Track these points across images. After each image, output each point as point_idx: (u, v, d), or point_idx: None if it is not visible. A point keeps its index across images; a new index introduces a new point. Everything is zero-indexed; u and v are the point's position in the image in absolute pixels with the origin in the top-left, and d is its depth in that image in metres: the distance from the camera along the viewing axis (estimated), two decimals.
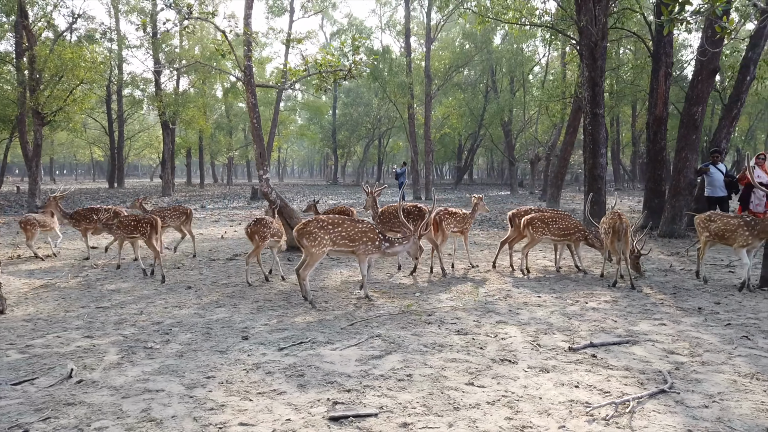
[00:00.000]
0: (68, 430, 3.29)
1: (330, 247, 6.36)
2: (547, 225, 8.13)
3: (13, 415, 3.49)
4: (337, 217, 6.52)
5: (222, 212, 19.59)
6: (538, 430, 3.25)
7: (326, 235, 6.30)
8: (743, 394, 3.74)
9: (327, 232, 6.31)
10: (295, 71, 10.35)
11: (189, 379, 4.06)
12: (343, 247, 6.43)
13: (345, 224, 6.45)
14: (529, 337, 5.09)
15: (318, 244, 6.25)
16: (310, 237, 6.26)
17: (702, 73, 12.44)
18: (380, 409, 3.53)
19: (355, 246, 6.43)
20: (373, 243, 6.49)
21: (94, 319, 5.75)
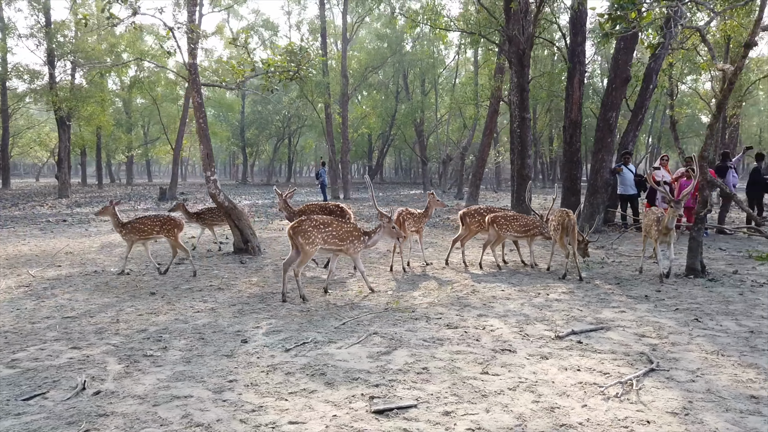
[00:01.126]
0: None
1: (321, 245, 6.61)
2: (509, 223, 8.67)
3: (46, 429, 3.36)
4: (328, 218, 6.77)
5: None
6: (565, 409, 3.61)
7: (319, 234, 6.50)
8: (717, 369, 4.32)
9: (320, 231, 6.50)
10: (239, 71, 10.21)
11: (212, 384, 4.06)
12: (332, 245, 6.72)
13: (334, 224, 6.75)
14: (514, 328, 5.49)
15: (311, 243, 6.49)
16: (305, 235, 6.48)
17: (615, 81, 13.59)
18: (417, 401, 3.74)
19: (344, 245, 6.69)
20: (358, 240, 6.81)
21: (69, 330, 5.49)
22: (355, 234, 6.86)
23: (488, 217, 8.86)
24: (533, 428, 3.35)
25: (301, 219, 6.69)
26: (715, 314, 5.92)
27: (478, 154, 23.12)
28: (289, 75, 10.27)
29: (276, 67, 9.90)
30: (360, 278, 7.55)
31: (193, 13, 9.77)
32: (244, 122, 53.33)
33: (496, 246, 8.93)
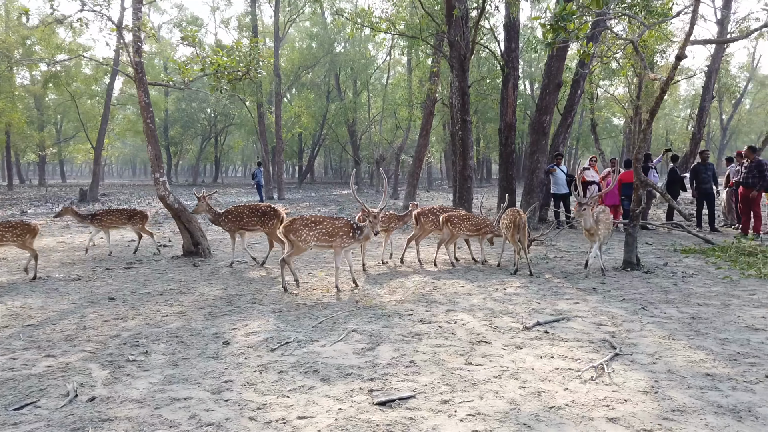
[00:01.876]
0: None
1: (314, 242, 7.06)
2: (462, 222, 9.03)
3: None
4: (319, 216, 7.17)
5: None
6: (550, 393, 3.93)
7: (310, 232, 6.92)
8: (672, 351, 4.80)
9: (311, 230, 6.91)
10: (187, 70, 10.03)
11: (209, 385, 4.10)
12: (323, 242, 7.11)
13: (325, 222, 7.12)
14: (483, 321, 5.81)
15: (303, 240, 6.98)
16: (296, 233, 6.97)
17: (549, 86, 14.36)
18: (414, 392, 3.95)
19: (333, 240, 7.09)
20: (347, 235, 7.15)
21: (36, 338, 5.30)
22: (344, 230, 7.15)
23: (442, 217, 9.21)
24: (527, 411, 3.64)
25: (293, 219, 7.08)
26: (658, 303, 6.49)
27: (415, 154, 23.57)
28: (238, 75, 10.19)
29: (226, 67, 9.80)
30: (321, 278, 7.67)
31: (138, 9, 9.49)
32: (168, 120, 51.58)
33: (449, 244, 9.29)
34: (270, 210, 9.13)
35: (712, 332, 5.32)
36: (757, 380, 4.11)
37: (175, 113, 52.38)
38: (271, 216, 9.06)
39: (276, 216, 9.06)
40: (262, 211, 9.12)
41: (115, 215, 10.40)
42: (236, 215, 9.08)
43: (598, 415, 3.57)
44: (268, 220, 9.05)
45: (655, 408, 3.66)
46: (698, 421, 3.48)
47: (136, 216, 10.39)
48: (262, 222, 9.06)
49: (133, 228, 10.50)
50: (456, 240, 9.39)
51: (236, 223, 9.08)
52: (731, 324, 5.59)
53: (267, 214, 9.07)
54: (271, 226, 9.01)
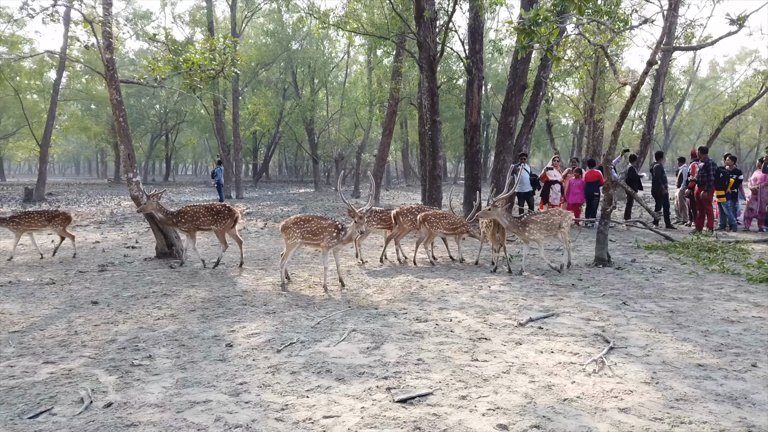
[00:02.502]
0: None
1: (300, 239, 7.30)
2: (439, 221, 9.20)
3: None
4: (309, 216, 7.35)
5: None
6: (560, 386, 4.11)
7: (298, 230, 7.15)
8: (661, 344, 5.08)
9: (299, 228, 7.18)
10: (159, 68, 9.82)
11: (224, 388, 4.10)
12: (309, 240, 7.30)
13: (312, 221, 7.32)
14: (477, 318, 5.97)
15: (291, 237, 7.27)
16: (287, 232, 7.32)
17: (515, 88, 14.74)
18: (430, 388, 4.06)
19: (319, 239, 7.23)
20: (330, 235, 7.23)
21: (26, 344, 5.13)
22: (329, 230, 7.22)
23: (420, 216, 9.36)
24: (542, 404, 3.80)
25: (290, 218, 7.35)
26: (636, 298, 6.82)
27: (378, 153, 23.72)
28: (212, 74, 10.05)
29: (200, 65, 9.64)
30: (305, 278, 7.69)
31: (109, 5, 9.22)
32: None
33: (428, 243, 9.45)
34: (224, 209, 9.10)
35: (692, 325, 5.65)
36: (745, 369, 4.41)
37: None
38: (224, 215, 9.03)
39: (230, 215, 9.05)
40: (216, 210, 9.08)
41: (34, 217, 9.92)
42: (190, 215, 8.97)
43: (609, 406, 3.76)
44: (222, 219, 9.02)
45: (660, 398, 3.89)
46: (702, 408, 3.72)
47: (58, 218, 9.97)
48: (216, 221, 9.02)
49: (55, 230, 10.07)
50: (433, 239, 9.55)
51: (190, 222, 8.98)
52: (708, 317, 5.94)
53: (221, 213, 9.04)
54: (224, 226, 9.01)
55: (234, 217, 9.07)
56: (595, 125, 26.16)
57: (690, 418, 3.57)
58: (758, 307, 6.33)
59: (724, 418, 3.57)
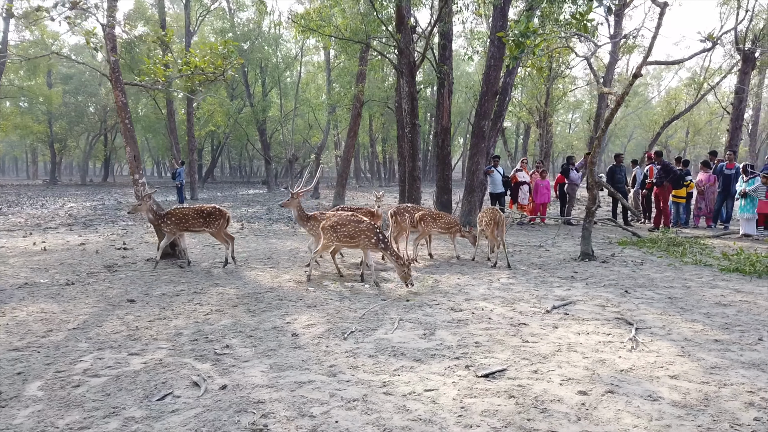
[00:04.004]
0: (306, 416, 3.60)
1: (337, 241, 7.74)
2: (435, 220, 9.75)
3: (225, 418, 3.59)
4: (347, 219, 7.74)
5: None
6: (611, 360, 4.74)
7: (335, 232, 7.55)
8: (676, 324, 5.82)
9: (336, 231, 7.56)
10: (160, 70, 9.91)
11: (318, 370, 4.48)
12: (346, 243, 7.72)
13: (350, 225, 7.71)
14: (506, 307, 6.56)
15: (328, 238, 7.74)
16: (325, 232, 7.77)
17: (487, 94, 15.48)
18: (503, 365, 4.60)
19: (356, 242, 7.61)
20: (369, 239, 7.62)
21: (96, 340, 5.30)
22: (366, 233, 7.71)
23: (417, 215, 9.90)
24: (605, 374, 4.41)
25: (328, 221, 7.83)
26: (634, 287, 7.60)
27: (343, 155, 24.07)
28: (212, 77, 10.23)
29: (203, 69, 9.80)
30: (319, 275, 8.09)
31: (114, 8, 9.26)
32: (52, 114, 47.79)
33: (420, 240, 9.97)
34: (215, 211, 9.34)
35: (693, 308, 6.45)
36: (755, 343, 5.19)
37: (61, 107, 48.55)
38: (216, 216, 9.29)
39: (222, 216, 9.33)
40: (207, 212, 9.30)
41: None
42: (180, 217, 9.16)
43: (660, 374, 4.41)
44: (213, 220, 9.27)
45: (697, 366, 4.58)
46: (735, 373, 4.43)
47: None
48: (208, 223, 9.26)
49: None
50: (424, 237, 10.07)
51: (180, 225, 9.17)
52: (703, 302, 6.77)
53: (212, 215, 9.29)
54: (217, 227, 9.28)
55: (226, 217, 9.33)
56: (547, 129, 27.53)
57: (730, 381, 4.26)
58: (740, 292, 7.23)
59: (757, 380, 4.29)
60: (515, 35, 10.05)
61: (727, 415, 3.68)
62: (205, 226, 9.27)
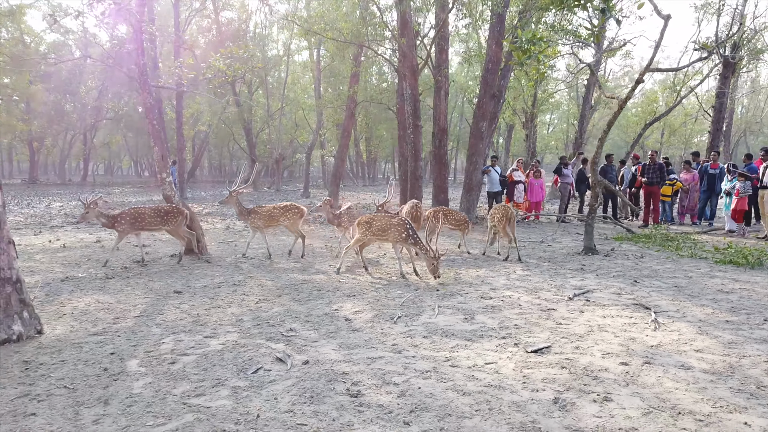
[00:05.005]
0: (390, 384, 4.10)
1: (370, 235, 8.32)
2: (446, 217, 10.31)
3: (320, 385, 4.06)
4: (378, 215, 8.34)
5: None
6: (640, 338, 5.33)
7: (369, 227, 8.20)
8: (687, 309, 6.44)
9: (370, 225, 8.23)
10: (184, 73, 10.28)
11: (383, 348, 4.97)
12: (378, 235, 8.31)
13: (382, 219, 8.36)
14: (530, 295, 7.13)
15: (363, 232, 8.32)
16: (359, 225, 8.34)
17: (485, 96, 16.10)
18: (546, 343, 5.16)
19: (387, 235, 8.22)
20: (400, 234, 8.09)
21: (166, 326, 5.71)
22: (397, 227, 8.24)
23: (429, 211, 10.47)
24: (638, 349, 5.00)
25: (363, 216, 8.49)
26: (641, 277, 8.24)
27: (337, 155, 24.48)
28: (232, 79, 10.61)
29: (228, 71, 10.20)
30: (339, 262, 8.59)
31: (142, 13, 9.60)
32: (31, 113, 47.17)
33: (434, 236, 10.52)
34: (173, 209, 9.59)
35: (700, 295, 7.10)
36: (761, 323, 5.83)
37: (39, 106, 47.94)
38: (175, 214, 9.56)
39: (179, 213, 9.59)
40: (165, 211, 9.55)
41: None
42: (135, 216, 9.32)
43: (686, 349, 5.01)
44: (171, 218, 9.54)
45: (716, 343, 5.20)
46: (750, 347, 5.05)
47: None
48: (166, 221, 9.50)
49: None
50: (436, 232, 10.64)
51: (134, 224, 9.34)
52: (707, 289, 7.43)
53: (170, 213, 9.53)
54: (175, 224, 9.57)
55: (184, 214, 9.60)
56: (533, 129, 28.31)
57: (747, 354, 4.88)
58: (738, 282, 7.92)
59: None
60: (522, 42, 10.67)
61: (752, 380, 4.28)
62: (163, 225, 9.51)
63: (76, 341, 5.20)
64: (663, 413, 3.70)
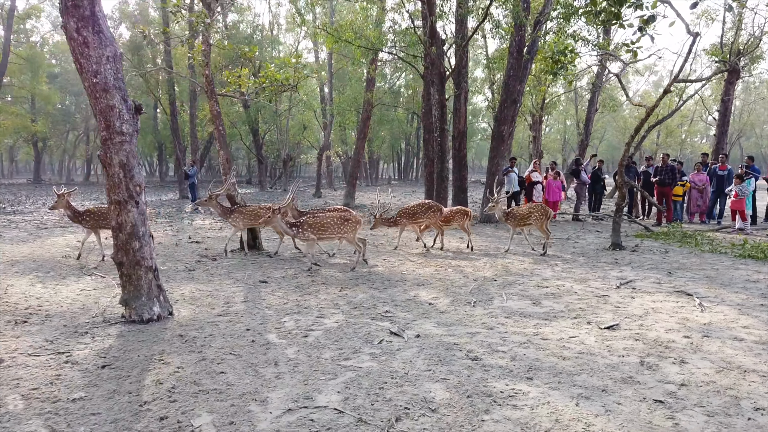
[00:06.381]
0: (499, 352, 4.92)
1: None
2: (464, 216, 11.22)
3: (441, 352, 4.88)
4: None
5: None
6: (691, 318, 6.18)
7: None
8: (724, 295, 7.30)
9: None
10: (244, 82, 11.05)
11: (475, 326, 5.80)
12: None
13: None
14: (581, 285, 7.97)
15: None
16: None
17: (507, 101, 16.97)
18: (613, 321, 6.00)
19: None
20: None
21: (276, 308, 6.51)
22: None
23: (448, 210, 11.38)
24: (694, 326, 5.85)
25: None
26: (673, 269, 9.11)
27: (353, 156, 25.30)
28: (286, 88, 11.41)
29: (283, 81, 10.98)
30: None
31: (210, 26, 10.37)
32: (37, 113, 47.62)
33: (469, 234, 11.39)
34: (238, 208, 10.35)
35: (731, 284, 7.98)
36: None
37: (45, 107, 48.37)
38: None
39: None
40: (229, 210, 10.28)
41: None
42: (97, 214, 9.87)
43: (734, 326, 5.87)
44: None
45: (758, 321, 6.06)
46: None
47: None
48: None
49: None
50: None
51: (97, 221, 9.89)
52: (736, 279, 8.31)
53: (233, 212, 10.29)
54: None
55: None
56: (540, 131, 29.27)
57: None
58: (761, 273, 8.81)
59: None
60: (554, 53, 11.55)
61: None
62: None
63: (208, 321, 5.99)
64: (732, 371, 4.55)
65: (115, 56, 5.51)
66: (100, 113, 5.50)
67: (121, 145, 5.59)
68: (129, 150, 5.65)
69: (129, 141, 5.65)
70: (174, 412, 3.74)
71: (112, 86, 5.48)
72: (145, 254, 5.87)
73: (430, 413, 3.73)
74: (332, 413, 3.73)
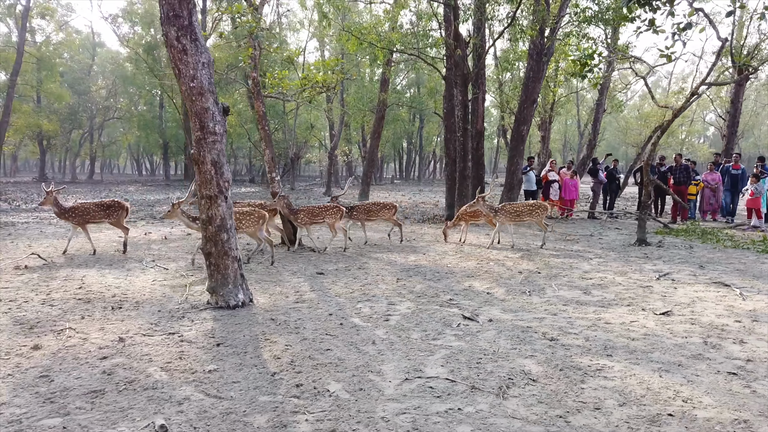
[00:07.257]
0: (571, 333, 5.37)
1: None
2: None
3: (518, 333, 5.33)
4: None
5: None
6: (736, 306, 6.64)
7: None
8: (759, 285, 7.76)
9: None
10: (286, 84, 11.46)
11: (540, 312, 6.25)
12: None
13: None
14: (621, 277, 8.43)
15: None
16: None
17: (526, 102, 17.45)
18: (665, 308, 6.46)
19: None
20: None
21: (346, 296, 6.94)
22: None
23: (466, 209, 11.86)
24: (740, 313, 6.31)
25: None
26: (704, 263, 9.58)
27: (367, 155, 25.76)
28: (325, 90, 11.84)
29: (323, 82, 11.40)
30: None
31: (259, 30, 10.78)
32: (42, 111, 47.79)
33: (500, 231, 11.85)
34: (114, 204, 10.67)
35: (762, 276, 8.45)
36: None
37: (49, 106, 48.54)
38: (115, 209, 10.61)
39: (121, 207, 10.65)
40: (106, 206, 10.61)
41: None
42: (82, 210, 10.33)
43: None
44: (113, 211, 10.60)
45: None
46: None
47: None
48: (108, 214, 10.56)
49: None
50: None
51: (82, 216, 10.34)
52: (764, 272, 8.78)
53: (111, 208, 10.61)
54: (116, 217, 10.62)
55: (125, 209, 10.70)
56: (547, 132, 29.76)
57: None
58: None
59: None
60: (582, 56, 11.99)
61: None
62: (105, 218, 10.59)
63: (289, 307, 6.43)
64: None
65: (209, 62, 5.94)
66: (195, 115, 5.92)
67: (214, 144, 6.02)
68: (220, 149, 6.07)
69: (220, 140, 6.07)
70: (305, 380, 4.18)
71: (207, 90, 5.91)
72: (232, 245, 6.30)
73: (533, 383, 4.18)
74: (445, 382, 4.18)
